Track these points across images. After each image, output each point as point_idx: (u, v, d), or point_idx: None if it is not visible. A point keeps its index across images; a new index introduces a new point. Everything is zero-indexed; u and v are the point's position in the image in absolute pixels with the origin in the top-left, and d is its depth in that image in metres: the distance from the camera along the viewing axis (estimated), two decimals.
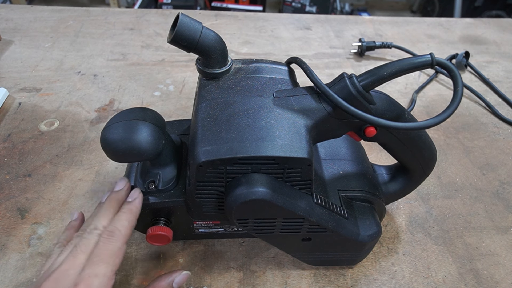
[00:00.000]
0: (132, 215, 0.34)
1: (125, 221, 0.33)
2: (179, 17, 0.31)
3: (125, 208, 0.34)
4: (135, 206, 0.34)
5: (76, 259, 0.30)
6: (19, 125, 0.57)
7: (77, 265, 0.30)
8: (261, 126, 0.31)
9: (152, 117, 0.34)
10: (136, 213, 0.34)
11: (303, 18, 0.94)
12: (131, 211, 0.34)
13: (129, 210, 0.34)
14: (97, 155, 0.53)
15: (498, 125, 0.64)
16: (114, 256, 0.31)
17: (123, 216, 0.33)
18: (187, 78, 0.70)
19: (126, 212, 0.34)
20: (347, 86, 0.31)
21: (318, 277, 0.41)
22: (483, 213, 0.49)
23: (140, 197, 0.35)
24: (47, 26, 0.83)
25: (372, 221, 0.37)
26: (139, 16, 0.90)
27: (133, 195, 0.35)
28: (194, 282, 0.40)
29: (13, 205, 0.46)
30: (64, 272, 0.29)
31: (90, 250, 0.31)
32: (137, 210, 0.35)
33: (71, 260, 0.30)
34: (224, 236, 0.42)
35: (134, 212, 0.34)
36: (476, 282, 0.41)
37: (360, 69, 0.76)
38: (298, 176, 0.31)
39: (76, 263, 0.30)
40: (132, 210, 0.34)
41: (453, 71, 0.31)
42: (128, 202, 0.35)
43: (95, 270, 0.29)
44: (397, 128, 0.31)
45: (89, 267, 0.30)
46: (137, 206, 0.35)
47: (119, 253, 0.31)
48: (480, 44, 0.87)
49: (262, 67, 0.36)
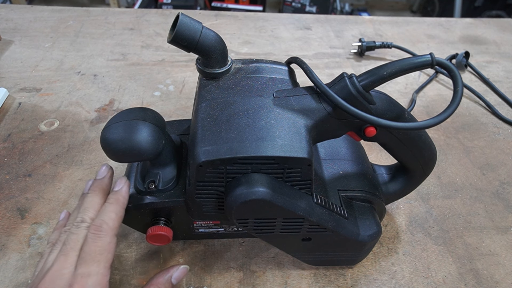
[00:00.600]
0: (119, 206, 0.33)
1: (112, 213, 0.32)
2: (179, 17, 0.31)
3: (112, 199, 0.33)
4: (122, 196, 0.33)
5: (67, 257, 0.30)
6: (19, 125, 0.57)
7: (69, 263, 0.29)
8: (261, 126, 0.31)
9: (152, 117, 0.34)
10: (124, 203, 0.33)
11: (303, 18, 0.94)
12: (118, 201, 0.33)
13: (116, 200, 0.33)
14: (97, 155, 0.53)
15: (498, 125, 0.64)
16: (105, 252, 0.30)
17: (110, 208, 0.32)
18: (187, 78, 0.70)
19: (113, 203, 0.33)
20: (347, 86, 0.31)
21: (318, 277, 0.41)
22: (483, 213, 0.49)
23: (127, 185, 0.34)
24: (47, 26, 0.83)
25: (372, 221, 0.37)
26: (139, 16, 0.90)
27: (119, 184, 0.34)
28: (194, 282, 0.40)
29: (13, 205, 0.46)
30: (58, 272, 0.29)
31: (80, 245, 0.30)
32: (124, 199, 0.33)
33: (62, 260, 0.30)
34: (224, 236, 0.42)
35: (121, 202, 0.33)
36: (476, 282, 0.41)
37: (360, 69, 0.76)
38: (298, 176, 0.31)
39: (68, 261, 0.30)
40: (119, 200, 0.33)
41: (453, 71, 0.31)
42: (115, 191, 0.34)
43: (87, 270, 0.29)
44: (397, 128, 0.31)
45: (81, 267, 0.29)
46: (124, 196, 0.33)
47: (110, 247, 0.31)
48: (480, 44, 0.87)
49: (262, 67, 0.36)
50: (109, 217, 0.32)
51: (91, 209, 0.33)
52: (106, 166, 0.36)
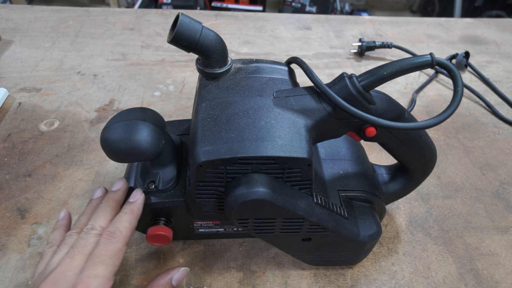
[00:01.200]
0: (133, 216, 0.34)
1: (126, 222, 0.33)
2: (179, 17, 0.31)
3: (127, 209, 0.34)
4: (137, 207, 0.34)
5: (73, 260, 0.30)
6: (19, 125, 0.57)
7: (74, 266, 0.29)
8: (261, 126, 0.31)
9: (152, 117, 0.34)
10: (138, 214, 0.34)
11: (303, 18, 0.94)
12: (132, 212, 0.34)
13: (131, 210, 0.34)
14: (97, 155, 0.53)
15: (498, 125, 0.64)
16: (114, 257, 0.31)
17: (125, 217, 0.33)
18: (187, 78, 0.70)
19: (128, 213, 0.33)
20: (347, 86, 0.31)
21: (318, 277, 0.41)
22: (483, 213, 0.49)
23: (142, 198, 0.35)
24: (47, 26, 0.83)
25: (372, 221, 0.37)
26: (139, 16, 0.90)
27: (135, 196, 0.35)
28: (194, 282, 0.40)
29: (13, 205, 0.46)
30: (61, 274, 0.29)
31: (88, 251, 0.31)
32: (139, 211, 0.34)
33: (68, 262, 0.30)
34: (224, 236, 0.42)
35: (136, 213, 0.34)
36: (476, 282, 0.41)
37: (360, 69, 0.76)
38: (298, 176, 0.31)
39: (74, 264, 0.30)
40: (134, 211, 0.34)
41: (453, 71, 0.31)
42: (130, 202, 0.34)
43: (94, 271, 0.29)
44: (397, 128, 0.31)
45: (88, 268, 0.29)
46: (138, 207, 0.34)
47: (119, 254, 0.31)
48: (480, 44, 0.87)
49: (262, 67, 0.36)
50: (123, 225, 0.32)
51: (103, 218, 0.33)
52: (121, 180, 0.36)
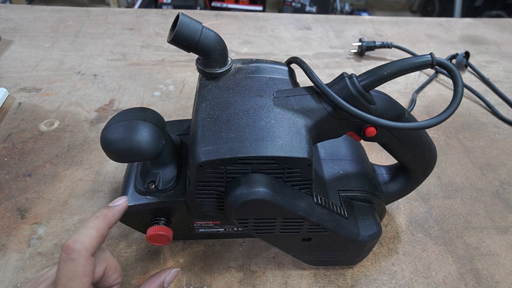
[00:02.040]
0: (104, 223, 0.29)
1: (92, 229, 0.27)
2: (179, 17, 0.31)
3: (100, 213, 0.30)
4: (112, 213, 0.30)
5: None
6: (19, 125, 0.57)
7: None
8: (261, 126, 0.31)
9: (152, 117, 0.34)
10: (111, 221, 0.30)
11: (303, 18, 0.94)
12: (105, 218, 0.29)
13: (104, 215, 0.29)
14: (97, 155, 0.53)
15: (498, 125, 0.64)
16: (78, 277, 0.25)
17: (92, 223, 0.28)
18: (187, 78, 0.70)
19: (99, 217, 0.29)
20: (347, 86, 0.31)
21: (318, 277, 0.41)
22: (483, 213, 0.49)
23: (123, 206, 0.32)
24: (47, 26, 0.83)
25: (372, 221, 0.37)
26: (139, 16, 0.90)
27: (117, 201, 0.32)
28: (194, 282, 0.40)
29: (13, 205, 0.46)
30: None
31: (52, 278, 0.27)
32: (113, 217, 0.30)
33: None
34: (224, 236, 0.42)
35: (109, 219, 0.29)
36: (476, 282, 0.41)
37: (360, 69, 0.76)
38: (298, 176, 0.31)
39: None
40: (107, 216, 0.29)
41: (453, 71, 0.31)
42: (108, 206, 0.31)
43: None
44: (397, 128, 0.31)
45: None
46: (114, 214, 0.30)
47: (84, 270, 0.26)
48: (480, 44, 0.87)
49: (262, 67, 0.36)
50: (86, 234, 0.27)
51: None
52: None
